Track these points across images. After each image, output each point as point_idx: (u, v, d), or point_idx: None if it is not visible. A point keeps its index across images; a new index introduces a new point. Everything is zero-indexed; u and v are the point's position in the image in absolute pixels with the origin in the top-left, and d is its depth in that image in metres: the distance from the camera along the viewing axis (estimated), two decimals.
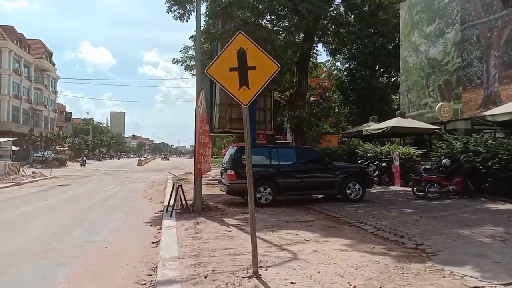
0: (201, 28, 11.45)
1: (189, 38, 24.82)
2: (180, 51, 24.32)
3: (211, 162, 10.96)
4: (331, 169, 11.93)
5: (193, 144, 11.25)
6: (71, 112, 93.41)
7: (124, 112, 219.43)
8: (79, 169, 43.75)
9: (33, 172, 27.24)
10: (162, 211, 10.93)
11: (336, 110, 31.88)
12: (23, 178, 23.39)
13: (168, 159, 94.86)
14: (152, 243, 7.42)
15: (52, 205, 12.91)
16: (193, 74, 25.44)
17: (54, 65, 65.12)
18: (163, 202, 13.19)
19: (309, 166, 12.00)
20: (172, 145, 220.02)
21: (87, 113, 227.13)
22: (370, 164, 16.74)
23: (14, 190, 18.19)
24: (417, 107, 21.00)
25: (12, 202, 14.01)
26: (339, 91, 30.05)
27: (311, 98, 30.31)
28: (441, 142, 13.86)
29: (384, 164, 16.51)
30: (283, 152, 12.35)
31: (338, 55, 28.21)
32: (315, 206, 11.17)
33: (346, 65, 30.95)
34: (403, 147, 17.43)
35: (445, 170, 12.35)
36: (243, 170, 11.49)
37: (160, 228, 8.63)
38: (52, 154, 51.05)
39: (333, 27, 21.37)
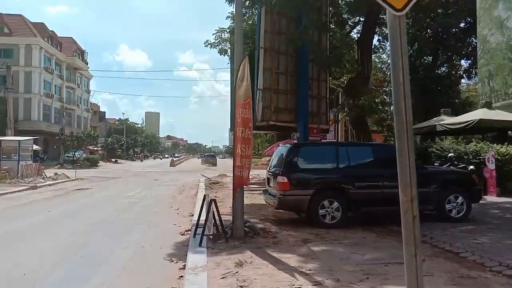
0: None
1: (226, 19, 21.89)
2: (213, 34, 21.42)
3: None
4: (423, 175, 8.43)
5: (227, 144, 8.15)
6: (105, 112, 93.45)
7: (159, 113, 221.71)
8: (110, 169, 41.92)
9: (55, 174, 25.07)
10: (190, 231, 7.95)
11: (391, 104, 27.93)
12: (41, 180, 21.13)
13: (215, 165, 53.23)
14: None
15: (50, 220, 10.15)
16: (229, 55, 22.55)
17: (86, 63, 64.11)
18: (192, 215, 10.25)
19: (393, 172, 8.64)
20: (205, 145, 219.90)
21: (123, 114, 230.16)
22: (452, 167, 13.12)
23: (24, 196, 15.75)
24: (503, 96, 17.04)
25: (5, 213, 11.39)
26: None
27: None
28: None
29: (471, 167, 12.83)
30: (356, 151, 9.03)
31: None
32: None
33: None
34: (497, 145, 13.68)
35: None
36: (300, 176, 8.33)
37: (184, 267, 5.63)
38: (84, 154, 49.72)
39: None
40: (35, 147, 30.01)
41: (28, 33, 47.06)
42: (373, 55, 17.92)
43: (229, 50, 22.65)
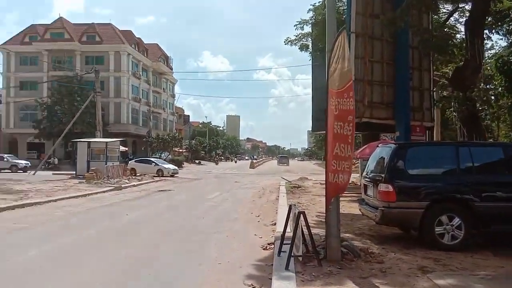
0: None
1: (308, 12, 20.43)
2: (295, 26, 20.07)
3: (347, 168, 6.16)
4: None
5: (305, 146, 6.80)
6: (189, 115, 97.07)
7: (239, 116, 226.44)
8: (193, 170, 42.66)
9: (140, 175, 25.58)
10: (273, 245, 6.77)
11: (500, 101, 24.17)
12: (126, 181, 21.47)
13: (287, 164, 66.53)
14: None
15: (127, 225, 9.57)
16: (310, 52, 21.10)
17: (171, 69, 66.55)
18: (274, 224, 9.09)
19: None
20: (284, 147, 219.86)
21: (206, 117, 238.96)
22: None
23: (107, 197, 15.78)
24: None
25: (84, 216, 11.11)
26: (502, 74, 22.40)
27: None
28: None
29: None
30: (482, 152, 7.11)
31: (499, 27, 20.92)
32: None
33: None
34: None
35: None
36: (409, 184, 6.66)
37: None
38: (169, 156, 51.35)
39: None
40: (123, 148, 31.14)
41: (117, 41, 49.72)
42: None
43: (310, 45, 21.25)
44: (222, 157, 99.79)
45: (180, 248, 7.23)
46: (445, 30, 15.82)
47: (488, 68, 20.92)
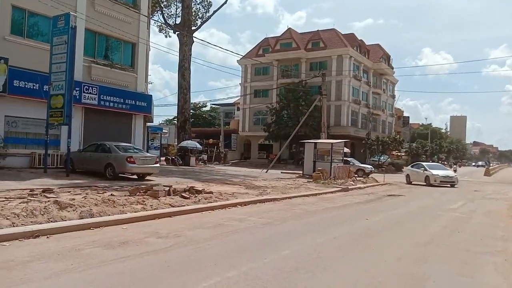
0: None
1: None
2: None
3: None
4: None
5: None
6: (408, 117, 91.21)
7: (465, 116, 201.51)
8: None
9: (364, 177, 24.66)
10: None
11: None
12: (351, 183, 20.87)
13: None
14: None
15: (368, 231, 8.61)
16: None
17: (392, 68, 63.74)
18: None
19: None
20: None
21: (425, 118, 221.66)
22: None
23: (337, 198, 15.36)
24: None
25: (325, 215, 10.67)
26: None
27: None
28: None
29: None
30: None
31: None
32: None
33: None
34: None
35: None
36: None
37: None
38: (388, 159, 49.11)
39: None
40: (346, 150, 30.93)
41: (340, 44, 50.44)
42: None
43: None
44: (446, 162, 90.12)
45: (450, 267, 5.79)
46: None
47: None
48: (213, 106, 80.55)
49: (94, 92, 20.53)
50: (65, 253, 5.56)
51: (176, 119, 46.66)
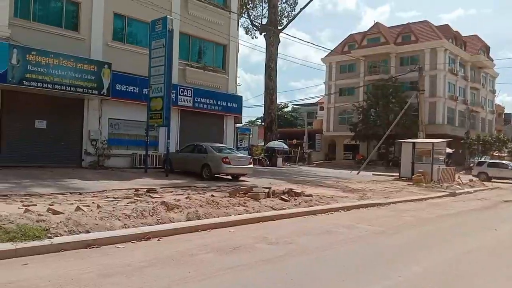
0: None
1: None
2: None
3: None
4: None
5: None
6: (510, 114, 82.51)
7: None
8: None
9: (471, 180, 22.42)
10: None
11: None
12: (458, 187, 18.96)
13: None
14: None
15: (505, 243, 7.40)
16: None
17: (492, 60, 57.91)
18: None
19: None
20: None
21: None
22: None
23: (447, 203, 13.91)
24: None
25: (441, 225, 9.54)
26: None
27: None
28: None
29: None
30: None
31: None
32: None
33: None
34: None
35: None
36: None
37: None
38: (490, 160, 44.63)
39: None
40: (449, 150, 28.55)
41: (433, 37, 46.96)
42: None
43: None
44: None
45: None
46: None
47: None
48: (295, 106, 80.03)
49: (189, 94, 21.10)
50: (179, 258, 5.37)
51: (259, 120, 46.88)
